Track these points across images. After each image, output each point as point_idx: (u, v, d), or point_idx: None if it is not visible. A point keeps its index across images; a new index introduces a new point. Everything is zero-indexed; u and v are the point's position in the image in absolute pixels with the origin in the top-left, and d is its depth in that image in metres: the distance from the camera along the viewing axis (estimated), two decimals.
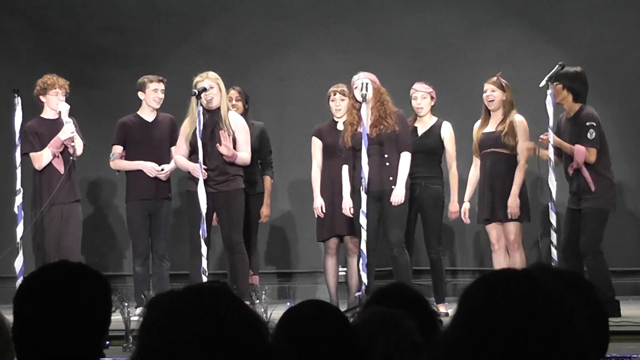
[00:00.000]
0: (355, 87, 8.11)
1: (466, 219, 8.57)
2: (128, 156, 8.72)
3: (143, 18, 10.67)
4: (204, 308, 1.87)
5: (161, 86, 8.73)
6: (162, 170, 8.57)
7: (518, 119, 8.26)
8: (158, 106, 8.73)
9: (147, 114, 8.76)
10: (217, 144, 8.07)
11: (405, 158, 8.15)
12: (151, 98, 8.70)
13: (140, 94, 8.74)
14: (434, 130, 8.60)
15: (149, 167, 8.59)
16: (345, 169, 8.27)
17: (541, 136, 7.97)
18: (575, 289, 1.84)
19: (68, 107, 8.52)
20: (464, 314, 1.76)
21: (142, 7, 10.69)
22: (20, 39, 10.65)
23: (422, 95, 8.62)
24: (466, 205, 8.52)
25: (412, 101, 8.64)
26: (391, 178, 8.12)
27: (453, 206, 8.65)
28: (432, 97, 8.64)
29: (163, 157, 8.64)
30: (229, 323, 1.87)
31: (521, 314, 1.71)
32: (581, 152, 7.89)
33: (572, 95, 8.03)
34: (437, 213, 8.52)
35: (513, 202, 8.15)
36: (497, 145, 8.24)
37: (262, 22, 10.55)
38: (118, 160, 8.73)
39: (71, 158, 8.48)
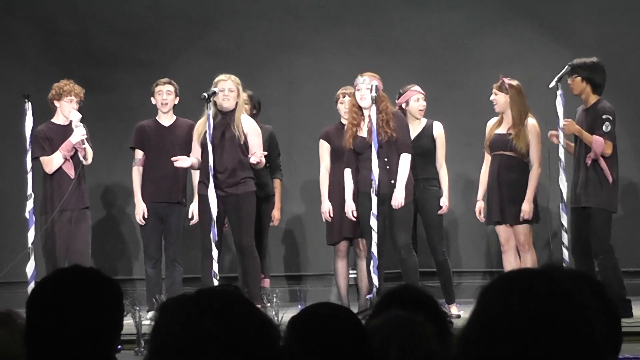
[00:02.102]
0: (358, 90, 8.09)
1: (481, 218, 8.50)
2: (145, 160, 8.72)
3: (150, 22, 10.68)
4: (215, 312, 1.88)
5: (165, 88, 8.73)
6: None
7: (530, 122, 8.23)
8: (165, 109, 8.73)
9: (163, 118, 8.79)
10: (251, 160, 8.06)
11: (405, 160, 8.11)
12: (158, 102, 8.74)
13: (152, 100, 8.80)
14: (426, 132, 8.58)
15: (139, 212, 8.61)
16: (347, 172, 8.27)
17: (551, 131, 7.92)
18: (587, 289, 1.84)
19: (80, 116, 8.50)
20: (481, 311, 1.77)
21: (150, 10, 10.70)
22: (28, 44, 10.67)
23: (423, 97, 8.63)
24: (480, 204, 8.47)
25: (413, 103, 8.58)
26: (392, 182, 8.10)
27: (443, 201, 8.60)
28: None
29: None
30: (241, 326, 1.87)
31: (537, 313, 1.71)
32: (599, 143, 7.83)
33: (591, 86, 7.97)
34: (437, 214, 8.51)
35: (527, 207, 8.11)
36: (507, 148, 8.21)
37: (270, 25, 10.54)
38: (136, 178, 8.73)
39: (82, 163, 8.48)
